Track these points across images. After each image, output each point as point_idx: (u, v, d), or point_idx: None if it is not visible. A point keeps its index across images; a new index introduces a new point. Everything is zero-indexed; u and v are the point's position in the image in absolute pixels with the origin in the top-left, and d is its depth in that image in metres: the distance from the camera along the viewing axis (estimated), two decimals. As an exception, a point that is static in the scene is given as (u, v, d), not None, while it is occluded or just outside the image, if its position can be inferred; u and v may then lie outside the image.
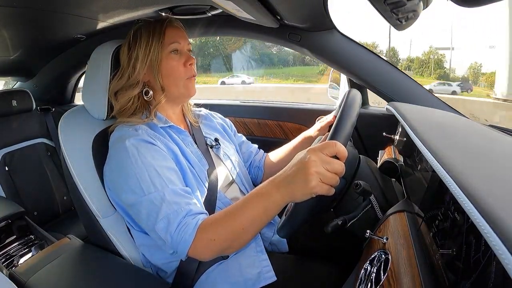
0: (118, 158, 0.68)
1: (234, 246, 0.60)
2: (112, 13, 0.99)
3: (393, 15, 0.68)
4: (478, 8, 0.54)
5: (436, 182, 0.50)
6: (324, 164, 0.50)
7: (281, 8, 0.82)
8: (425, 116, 0.80)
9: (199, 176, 0.74)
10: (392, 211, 0.60)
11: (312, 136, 0.93)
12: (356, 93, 0.72)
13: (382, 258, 0.49)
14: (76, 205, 0.77)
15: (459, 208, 0.38)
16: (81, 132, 0.78)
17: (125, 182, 0.65)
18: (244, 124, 1.48)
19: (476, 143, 0.58)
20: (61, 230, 1.37)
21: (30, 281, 0.68)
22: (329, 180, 0.50)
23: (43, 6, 0.88)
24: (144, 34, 0.74)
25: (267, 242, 0.87)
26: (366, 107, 1.26)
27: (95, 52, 0.79)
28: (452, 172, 0.37)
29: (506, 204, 0.30)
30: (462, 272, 0.35)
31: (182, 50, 0.77)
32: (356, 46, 1.06)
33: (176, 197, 0.63)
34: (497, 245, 0.25)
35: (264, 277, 0.72)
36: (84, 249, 0.79)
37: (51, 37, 1.25)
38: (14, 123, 1.47)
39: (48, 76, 1.63)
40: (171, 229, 0.60)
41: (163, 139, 0.72)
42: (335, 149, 0.51)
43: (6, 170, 1.39)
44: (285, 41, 1.09)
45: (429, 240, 0.47)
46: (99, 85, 0.77)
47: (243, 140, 1.01)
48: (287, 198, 0.53)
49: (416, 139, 0.53)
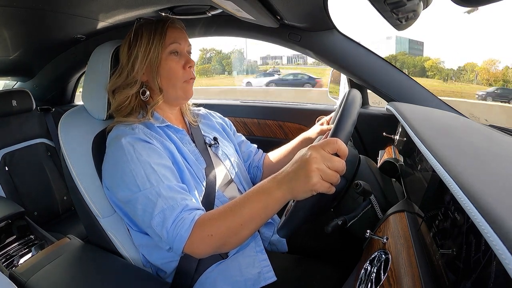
0: (114, 156, 0.68)
1: (231, 242, 0.59)
2: (112, 13, 0.99)
3: (393, 15, 0.68)
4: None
5: (436, 182, 0.50)
6: (325, 161, 0.50)
7: (281, 8, 0.82)
8: (425, 116, 0.80)
9: (196, 174, 0.74)
10: (392, 211, 0.60)
11: (312, 138, 0.93)
12: (356, 93, 0.72)
13: (382, 258, 0.49)
14: (76, 205, 0.77)
15: (459, 208, 0.38)
16: (81, 132, 0.78)
17: (121, 179, 0.65)
18: (244, 124, 1.48)
19: (476, 143, 0.58)
20: (61, 230, 1.37)
21: (30, 281, 0.68)
22: (330, 177, 0.50)
23: (43, 6, 0.88)
24: (145, 33, 0.73)
25: (266, 242, 0.87)
26: (366, 107, 1.26)
27: (95, 52, 0.79)
28: (452, 172, 0.37)
29: (506, 204, 0.30)
30: (462, 272, 0.35)
31: (182, 51, 0.77)
32: (356, 46, 1.06)
33: (172, 192, 0.63)
34: (497, 245, 0.25)
35: (264, 277, 0.72)
36: (84, 249, 0.79)
37: (51, 37, 1.25)
38: (14, 123, 1.48)
39: (48, 76, 1.63)
40: (167, 224, 0.60)
41: (159, 138, 0.72)
42: (336, 146, 0.51)
43: (6, 170, 1.39)
44: (285, 41, 1.09)
45: (429, 240, 0.47)
46: (99, 85, 0.77)
47: (242, 140, 1.01)
48: (288, 195, 0.53)
49: (416, 139, 0.53)
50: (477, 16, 11.53)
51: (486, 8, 6.40)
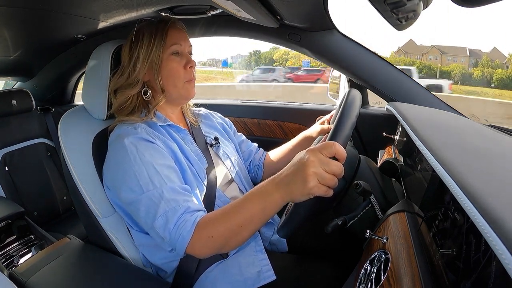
0: (116, 157, 0.68)
1: (231, 243, 0.60)
2: (112, 13, 0.99)
3: (393, 15, 0.68)
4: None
5: (436, 182, 0.50)
6: (322, 165, 0.50)
7: (281, 8, 0.82)
8: (425, 116, 0.80)
9: (198, 174, 0.74)
10: (392, 211, 0.60)
11: (312, 136, 0.93)
12: (356, 93, 0.72)
13: (382, 258, 0.49)
14: (76, 205, 0.77)
15: (459, 208, 0.38)
16: (81, 132, 0.78)
17: (124, 180, 0.65)
18: (244, 124, 1.48)
19: (476, 143, 0.58)
20: (61, 230, 1.37)
21: (30, 281, 0.68)
22: (327, 181, 0.50)
23: (43, 6, 0.88)
24: (147, 34, 0.74)
25: (266, 241, 0.87)
26: (366, 107, 1.26)
27: (95, 52, 0.79)
28: (452, 172, 0.37)
29: (506, 204, 0.30)
30: (462, 272, 0.35)
31: (183, 52, 0.77)
32: (356, 46, 1.06)
33: (175, 194, 0.63)
34: (497, 245, 0.25)
35: (263, 276, 0.72)
36: (84, 249, 0.79)
37: (51, 37, 1.25)
38: (14, 123, 1.47)
39: (48, 76, 1.63)
40: (170, 226, 0.60)
41: (162, 137, 0.72)
42: (333, 150, 0.51)
43: (6, 170, 1.39)
44: (285, 41, 1.09)
45: (429, 240, 0.47)
46: (99, 85, 0.77)
47: (242, 139, 1.01)
48: (286, 198, 0.53)
49: (416, 139, 0.53)
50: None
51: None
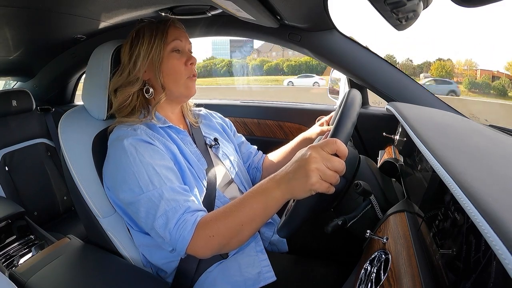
0: (116, 157, 0.68)
1: (233, 243, 0.60)
2: (112, 13, 1.00)
3: (393, 15, 0.68)
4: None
5: (436, 182, 0.50)
6: (324, 161, 0.50)
7: (281, 8, 0.82)
8: (425, 116, 0.80)
9: (197, 175, 0.74)
10: (392, 211, 0.60)
11: (311, 138, 0.93)
12: (356, 93, 0.72)
13: (382, 258, 0.49)
14: (76, 205, 0.77)
15: (459, 208, 0.38)
16: (81, 132, 0.78)
17: (124, 181, 0.65)
18: (244, 124, 1.48)
19: (476, 143, 0.58)
20: (61, 230, 1.37)
21: (30, 281, 0.68)
22: (329, 177, 0.50)
23: (43, 6, 0.89)
24: (147, 33, 0.74)
25: (267, 242, 0.87)
26: (366, 107, 1.26)
27: (95, 52, 0.79)
28: (452, 172, 0.37)
29: (506, 204, 0.30)
30: (462, 272, 0.35)
31: (183, 49, 0.77)
32: (356, 46, 1.06)
33: (175, 194, 0.63)
34: (497, 245, 0.25)
35: (264, 277, 0.72)
36: (84, 249, 0.79)
37: (51, 37, 1.25)
38: (14, 123, 1.47)
39: (48, 76, 1.63)
40: (170, 226, 0.60)
41: (161, 139, 0.72)
42: (335, 147, 0.51)
43: (6, 170, 1.39)
44: (285, 41, 1.09)
45: (429, 240, 0.47)
46: (99, 85, 0.77)
47: (242, 141, 1.01)
48: (287, 195, 0.53)
49: (416, 139, 0.53)
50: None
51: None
